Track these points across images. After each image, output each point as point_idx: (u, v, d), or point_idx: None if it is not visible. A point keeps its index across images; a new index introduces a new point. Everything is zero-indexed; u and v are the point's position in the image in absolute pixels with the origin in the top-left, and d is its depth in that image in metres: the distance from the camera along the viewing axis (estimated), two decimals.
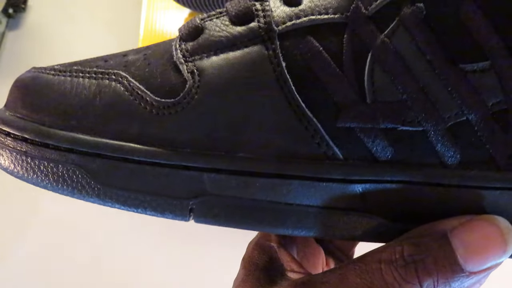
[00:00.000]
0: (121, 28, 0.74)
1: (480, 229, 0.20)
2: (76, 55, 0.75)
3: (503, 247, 0.20)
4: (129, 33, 0.71)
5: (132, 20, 0.71)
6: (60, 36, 0.76)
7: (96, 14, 0.77)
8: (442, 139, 0.21)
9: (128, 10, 0.75)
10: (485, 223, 0.21)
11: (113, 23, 0.76)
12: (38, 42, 0.76)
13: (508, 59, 0.20)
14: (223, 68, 0.22)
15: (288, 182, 0.21)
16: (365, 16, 0.21)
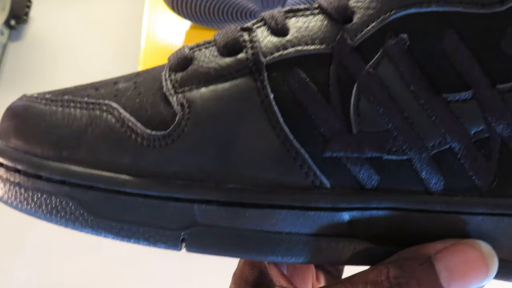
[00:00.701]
0: (123, 39, 0.75)
1: (463, 253, 0.21)
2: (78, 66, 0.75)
3: (485, 271, 0.21)
4: (131, 45, 0.71)
5: (133, 32, 0.71)
6: (62, 47, 0.76)
7: (98, 26, 0.77)
8: (426, 167, 0.22)
9: (129, 21, 0.75)
10: (468, 248, 0.21)
11: (114, 34, 0.76)
12: (40, 53, 0.76)
13: (490, 89, 0.21)
14: (212, 100, 0.22)
15: (277, 212, 0.22)
16: (351, 47, 0.22)
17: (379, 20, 0.22)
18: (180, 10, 0.62)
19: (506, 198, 0.22)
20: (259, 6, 0.61)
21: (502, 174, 0.21)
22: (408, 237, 0.22)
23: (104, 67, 0.71)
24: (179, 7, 0.61)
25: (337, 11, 0.22)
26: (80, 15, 0.78)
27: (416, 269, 0.21)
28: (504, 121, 0.21)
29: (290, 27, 0.23)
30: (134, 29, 0.70)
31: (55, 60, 0.75)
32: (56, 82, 0.36)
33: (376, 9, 0.22)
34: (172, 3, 0.60)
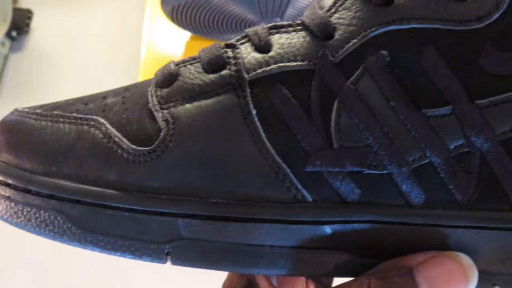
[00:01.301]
0: (123, 50, 0.76)
1: (443, 265, 0.21)
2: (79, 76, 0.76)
3: (465, 283, 0.21)
4: (131, 55, 0.72)
5: (133, 42, 0.72)
6: (63, 58, 0.77)
7: (98, 37, 0.78)
8: (406, 181, 0.22)
9: (129, 32, 0.76)
10: (448, 260, 0.22)
11: (115, 45, 0.77)
12: (41, 64, 0.77)
13: (468, 104, 0.21)
14: (195, 116, 0.22)
15: (260, 225, 0.22)
16: (332, 63, 0.22)
17: (360, 37, 0.22)
18: (179, 21, 0.62)
19: (485, 211, 0.22)
20: (258, 17, 0.61)
21: (482, 188, 0.22)
22: (390, 249, 0.23)
23: (104, 77, 0.72)
24: (178, 18, 0.62)
25: (319, 28, 0.23)
26: (81, 26, 0.79)
27: (397, 280, 0.21)
28: (483, 136, 0.21)
29: (273, 44, 0.23)
30: (135, 40, 0.71)
31: (56, 71, 0.76)
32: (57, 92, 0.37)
33: (357, 26, 0.22)
34: (171, 14, 0.61)
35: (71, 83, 0.72)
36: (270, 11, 0.60)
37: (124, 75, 0.69)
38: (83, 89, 0.28)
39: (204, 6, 0.59)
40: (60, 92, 0.36)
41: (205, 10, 0.60)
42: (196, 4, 0.59)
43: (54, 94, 0.35)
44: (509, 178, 0.21)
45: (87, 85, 0.56)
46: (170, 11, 0.60)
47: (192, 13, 0.60)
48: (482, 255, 0.22)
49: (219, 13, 0.60)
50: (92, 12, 0.80)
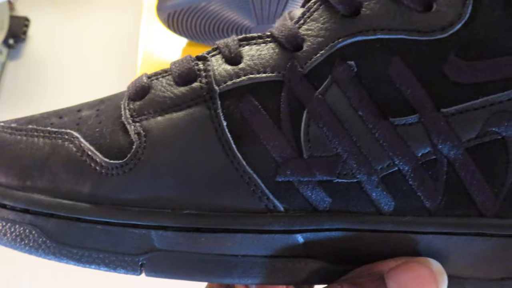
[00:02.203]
0: (120, 57, 0.76)
1: (414, 271, 0.22)
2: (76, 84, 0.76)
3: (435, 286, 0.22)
4: (128, 62, 0.72)
5: (130, 49, 0.72)
6: (60, 65, 0.77)
7: (95, 44, 0.78)
8: (376, 189, 0.22)
9: (126, 39, 0.76)
10: (418, 265, 0.22)
11: (111, 52, 0.77)
12: (39, 72, 0.77)
13: (435, 112, 0.22)
14: (167, 129, 0.23)
15: (232, 235, 0.22)
16: (301, 74, 0.23)
17: (327, 48, 0.23)
18: (176, 27, 0.62)
19: (454, 217, 0.22)
20: (254, 23, 0.61)
21: (449, 194, 0.22)
22: (362, 256, 0.23)
23: (101, 84, 0.72)
24: (174, 25, 0.62)
25: (288, 39, 0.23)
26: (78, 34, 0.79)
27: (369, 286, 0.22)
28: (449, 143, 0.22)
29: (243, 55, 0.24)
30: (131, 47, 0.71)
31: (53, 79, 0.76)
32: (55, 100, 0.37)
33: (324, 37, 0.23)
34: (168, 21, 0.61)
35: (68, 90, 0.72)
36: (266, 17, 0.60)
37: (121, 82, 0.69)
38: (80, 96, 0.28)
39: (200, 12, 0.59)
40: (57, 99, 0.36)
41: (201, 16, 0.60)
42: (192, 11, 0.59)
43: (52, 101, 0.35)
44: (476, 184, 0.22)
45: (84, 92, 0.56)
46: (166, 18, 0.60)
47: (188, 19, 0.61)
48: (452, 260, 0.23)
49: (215, 19, 0.60)
50: (89, 20, 0.80)
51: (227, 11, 0.59)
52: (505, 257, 0.22)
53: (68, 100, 0.29)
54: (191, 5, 0.58)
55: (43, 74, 0.76)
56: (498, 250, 0.22)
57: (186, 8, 0.59)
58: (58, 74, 0.76)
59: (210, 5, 0.58)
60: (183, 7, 0.59)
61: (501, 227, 0.22)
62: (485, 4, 0.21)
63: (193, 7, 0.58)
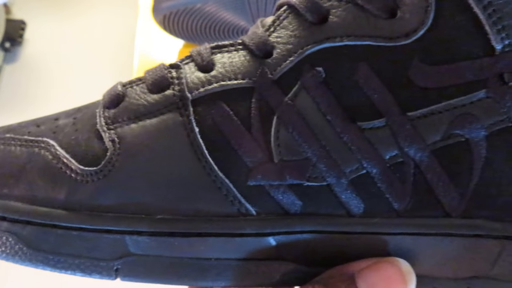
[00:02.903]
0: (116, 59, 0.76)
1: (383, 271, 0.22)
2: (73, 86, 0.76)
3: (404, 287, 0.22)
4: (124, 65, 0.72)
5: (126, 51, 0.72)
6: (56, 68, 0.78)
7: (92, 47, 0.78)
8: (345, 192, 0.23)
9: (122, 41, 0.75)
10: (387, 265, 0.22)
11: (108, 54, 0.77)
12: (35, 75, 0.77)
13: (401, 116, 0.22)
14: (141, 136, 0.23)
15: (205, 239, 0.23)
16: (271, 81, 0.23)
17: (296, 54, 0.23)
18: (172, 29, 0.62)
19: (421, 218, 0.23)
20: (250, 24, 0.61)
21: (417, 196, 0.23)
22: (333, 257, 0.24)
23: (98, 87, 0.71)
24: (170, 26, 0.61)
25: (258, 47, 0.24)
26: (74, 36, 0.79)
27: (339, 286, 0.22)
28: (415, 146, 0.22)
29: (216, 63, 0.24)
30: (127, 49, 0.71)
31: (50, 81, 0.76)
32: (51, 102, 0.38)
33: (294, 44, 0.23)
34: (163, 22, 0.60)
35: (64, 93, 0.72)
36: (262, 17, 0.60)
37: None
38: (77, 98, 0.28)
39: (196, 14, 0.59)
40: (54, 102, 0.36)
41: (197, 17, 0.59)
42: (187, 12, 0.59)
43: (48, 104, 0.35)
44: (442, 186, 0.22)
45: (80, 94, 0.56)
46: (161, 19, 0.60)
47: (184, 21, 0.60)
48: (421, 260, 0.23)
49: (211, 20, 0.60)
50: (85, 22, 0.81)
51: (223, 12, 0.59)
52: (471, 256, 0.23)
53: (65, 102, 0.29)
54: (187, 7, 0.58)
55: (39, 77, 0.77)
56: (464, 249, 0.23)
57: (182, 9, 0.58)
58: (54, 77, 0.76)
59: (206, 6, 0.58)
60: (179, 9, 0.58)
61: (466, 227, 0.23)
62: (447, 11, 0.22)
63: (188, 8, 0.58)
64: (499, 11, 0.21)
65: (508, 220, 0.22)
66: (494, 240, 0.22)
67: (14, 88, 0.76)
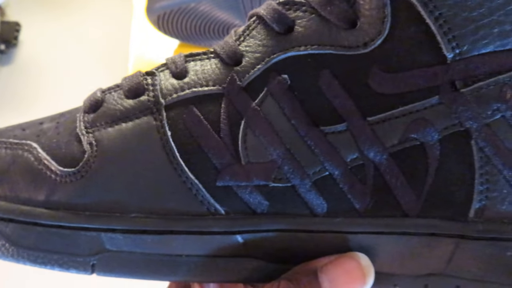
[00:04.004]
0: (111, 60, 0.76)
1: (344, 265, 0.24)
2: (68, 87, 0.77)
3: (363, 281, 0.24)
4: (119, 65, 0.72)
5: (121, 52, 0.72)
6: (51, 70, 0.78)
7: (87, 48, 0.79)
8: (309, 192, 0.24)
9: (117, 42, 0.76)
10: (348, 259, 0.24)
11: (103, 55, 0.78)
12: (30, 77, 0.78)
13: (361, 121, 0.24)
14: (116, 139, 0.25)
15: (176, 237, 0.24)
16: (239, 87, 0.25)
17: (264, 62, 0.25)
18: (166, 29, 0.62)
19: (381, 218, 0.24)
20: (244, 23, 0.62)
21: (377, 196, 0.24)
22: (299, 255, 0.25)
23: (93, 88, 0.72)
24: (165, 27, 0.61)
25: (228, 55, 0.25)
26: (69, 38, 0.80)
27: (303, 281, 0.24)
28: (374, 149, 0.24)
29: (189, 70, 0.26)
30: (123, 49, 0.71)
31: (45, 83, 0.77)
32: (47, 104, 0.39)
33: (261, 53, 0.25)
34: (158, 23, 0.60)
35: (60, 94, 0.73)
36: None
37: None
38: (73, 99, 0.30)
39: (190, 13, 0.59)
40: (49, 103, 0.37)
41: (191, 17, 0.59)
42: (181, 12, 0.59)
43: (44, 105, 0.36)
44: (399, 187, 0.24)
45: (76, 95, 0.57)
46: (156, 19, 0.60)
47: (178, 21, 0.60)
48: (382, 258, 0.25)
49: (205, 20, 0.60)
50: (80, 23, 0.81)
51: (217, 11, 0.59)
52: (427, 254, 0.24)
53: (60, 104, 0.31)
54: (181, 6, 0.58)
55: (35, 79, 0.77)
56: (421, 248, 0.24)
57: (176, 9, 0.58)
58: (50, 78, 0.77)
59: (200, 5, 0.58)
60: (173, 9, 0.58)
61: (422, 227, 0.24)
62: (402, 22, 0.23)
63: (182, 8, 0.58)
64: (449, 22, 0.22)
65: (461, 220, 0.23)
66: (448, 239, 0.24)
67: (9, 90, 0.77)
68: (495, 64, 0.22)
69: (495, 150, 0.22)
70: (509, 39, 0.22)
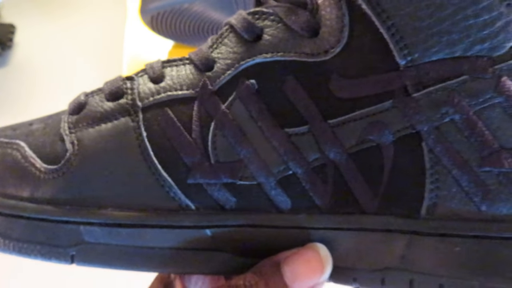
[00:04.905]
0: (106, 61, 0.76)
1: (304, 256, 0.25)
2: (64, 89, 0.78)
3: (321, 269, 0.25)
4: (114, 66, 0.71)
5: (116, 54, 0.72)
6: (47, 71, 0.78)
7: (82, 50, 0.79)
8: (274, 190, 0.26)
9: (112, 44, 0.76)
10: (308, 250, 0.26)
11: (98, 57, 0.78)
12: (26, 78, 0.78)
13: (322, 123, 0.25)
14: (96, 139, 0.27)
15: (149, 230, 0.26)
16: (211, 91, 0.26)
17: (233, 68, 0.26)
18: (160, 30, 0.62)
19: (341, 215, 0.26)
20: None
21: (337, 195, 0.26)
22: (265, 249, 0.26)
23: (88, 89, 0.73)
24: (159, 27, 0.62)
25: (201, 61, 0.27)
26: (65, 39, 0.80)
27: (266, 273, 0.25)
28: (334, 150, 0.25)
29: (165, 75, 0.28)
30: (117, 50, 0.72)
31: (40, 85, 0.77)
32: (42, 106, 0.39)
33: (232, 59, 0.27)
34: (151, 23, 0.61)
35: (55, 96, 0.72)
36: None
37: None
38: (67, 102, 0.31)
39: (184, 14, 0.59)
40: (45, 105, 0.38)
41: (184, 18, 0.60)
42: (175, 13, 0.59)
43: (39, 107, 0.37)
44: (358, 186, 0.25)
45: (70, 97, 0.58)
46: (149, 20, 0.60)
47: (172, 21, 0.60)
48: (342, 253, 0.26)
49: (199, 20, 0.60)
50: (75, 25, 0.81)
51: (210, 11, 0.59)
52: (383, 250, 0.25)
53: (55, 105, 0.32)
54: (174, 7, 0.58)
55: (30, 80, 0.77)
56: (377, 243, 0.25)
57: (169, 10, 0.58)
58: (45, 80, 0.77)
59: (193, 6, 0.58)
60: (166, 9, 0.58)
61: (378, 223, 0.25)
62: (358, 31, 0.24)
63: (176, 8, 0.58)
64: (401, 31, 0.24)
65: (414, 217, 0.25)
66: (402, 235, 0.25)
67: (4, 92, 0.77)
68: (444, 70, 0.24)
69: (444, 152, 0.24)
70: (457, 47, 0.23)
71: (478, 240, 0.24)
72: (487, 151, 0.24)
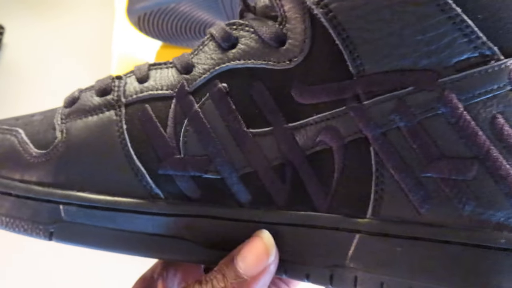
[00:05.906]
0: (94, 61, 0.76)
1: (251, 244, 0.27)
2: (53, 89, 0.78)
3: (267, 253, 0.27)
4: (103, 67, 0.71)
5: (104, 54, 0.72)
6: (36, 72, 0.77)
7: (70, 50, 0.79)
8: (236, 185, 0.28)
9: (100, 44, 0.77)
10: (254, 238, 0.27)
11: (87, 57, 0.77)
12: (15, 79, 0.77)
13: (283, 126, 0.27)
14: (82, 129, 0.30)
15: (121, 214, 0.28)
16: (187, 92, 0.29)
17: (209, 73, 0.29)
18: (147, 30, 0.63)
19: (296, 212, 0.28)
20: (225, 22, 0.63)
21: (294, 193, 0.27)
22: (226, 240, 0.28)
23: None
24: (146, 28, 0.62)
25: (182, 66, 0.30)
26: (53, 40, 0.80)
27: (223, 267, 0.27)
28: (293, 151, 0.27)
29: (150, 76, 0.30)
30: (106, 51, 0.72)
31: (30, 85, 0.76)
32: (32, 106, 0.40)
33: (208, 64, 0.29)
34: (139, 24, 0.62)
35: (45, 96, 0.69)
36: (236, 16, 0.61)
37: None
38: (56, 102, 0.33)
39: (171, 14, 0.60)
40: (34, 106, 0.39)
41: (171, 17, 0.60)
42: (162, 13, 0.59)
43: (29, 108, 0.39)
44: (312, 186, 0.27)
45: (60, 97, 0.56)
46: (136, 21, 0.61)
47: (159, 21, 0.61)
48: (297, 249, 0.28)
49: (186, 20, 0.61)
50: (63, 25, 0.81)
51: (197, 11, 0.60)
52: (332, 247, 0.27)
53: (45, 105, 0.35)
54: (161, 7, 0.58)
55: (19, 81, 0.76)
56: (327, 241, 0.27)
57: (156, 10, 0.59)
58: (35, 81, 0.76)
59: (180, 6, 0.58)
60: (153, 9, 0.59)
61: (328, 221, 0.27)
62: (318, 42, 0.27)
63: (162, 8, 0.59)
64: (354, 43, 0.26)
65: (361, 217, 0.26)
66: (349, 234, 0.27)
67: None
68: (393, 81, 0.25)
69: (389, 156, 0.26)
70: (406, 60, 0.25)
71: (418, 242, 0.25)
72: (429, 158, 0.25)
